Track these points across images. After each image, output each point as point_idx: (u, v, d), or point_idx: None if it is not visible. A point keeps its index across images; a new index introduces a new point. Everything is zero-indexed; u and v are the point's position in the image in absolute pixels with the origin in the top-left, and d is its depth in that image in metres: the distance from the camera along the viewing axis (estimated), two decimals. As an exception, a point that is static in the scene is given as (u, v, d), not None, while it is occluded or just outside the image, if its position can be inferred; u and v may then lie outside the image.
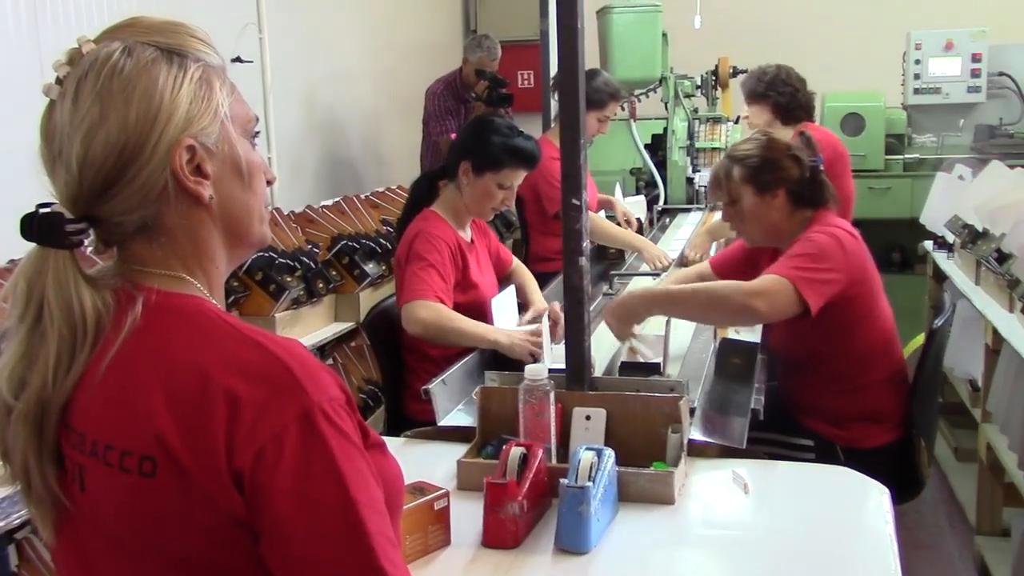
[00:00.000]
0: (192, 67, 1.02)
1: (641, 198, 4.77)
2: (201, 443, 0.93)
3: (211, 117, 1.02)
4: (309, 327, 3.53)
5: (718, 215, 4.72)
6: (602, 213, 4.25)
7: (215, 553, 0.95)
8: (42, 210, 0.99)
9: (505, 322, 2.69)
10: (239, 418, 0.92)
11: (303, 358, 0.98)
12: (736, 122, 5.30)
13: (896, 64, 5.84)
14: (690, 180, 5.23)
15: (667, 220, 4.94)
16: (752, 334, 2.79)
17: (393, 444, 2.10)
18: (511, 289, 2.82)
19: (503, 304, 2.75)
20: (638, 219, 4.34)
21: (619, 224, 4.19)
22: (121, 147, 0.97)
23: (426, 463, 1.96)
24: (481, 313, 2.77)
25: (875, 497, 1.80)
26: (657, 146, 5.39)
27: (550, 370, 1.90)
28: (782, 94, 4.00)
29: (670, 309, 2.48)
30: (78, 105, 0.98)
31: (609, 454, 1.72)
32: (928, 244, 4.57)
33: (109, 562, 1.00)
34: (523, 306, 3.07)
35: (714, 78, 5.53)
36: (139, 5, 3.42)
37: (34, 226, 0.98)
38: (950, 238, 4.18)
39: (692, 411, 2.08)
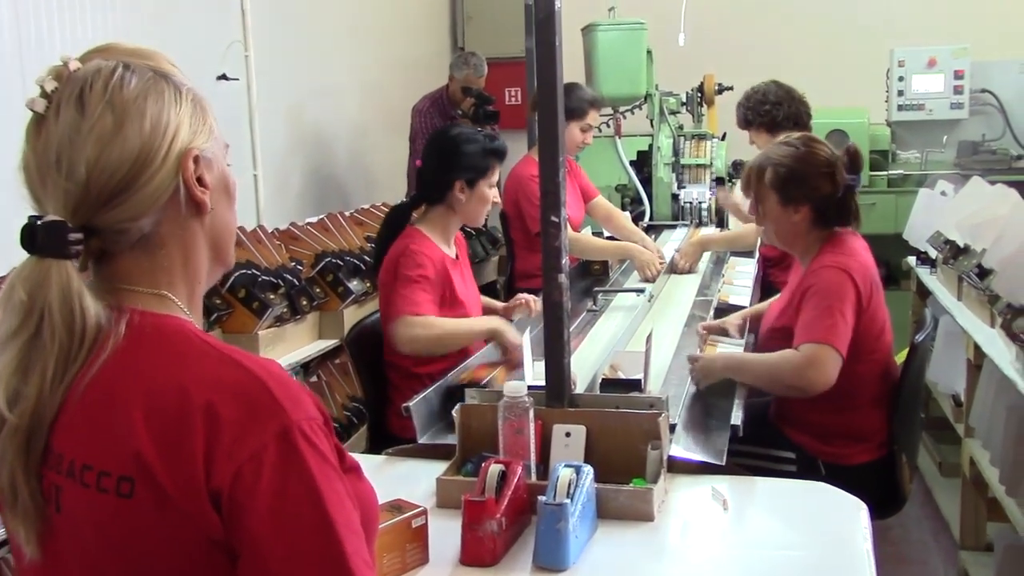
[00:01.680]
0: (183, 88, 1.05)
1: (627, 215, 4.77)
2: (180, 462, 0.93)
3: (208, 134, 1.06)
4: (293, 345, 3.53)
5: (704, 230, 4.76)
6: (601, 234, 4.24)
7: (192, 574, 0.95)
8: (41, 220, 0.98)
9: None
10: (218, 437, 0.93)
11: (282, 378, 0.99)
12: (722, 138, 5.33)
13: (880, 81, 5.89)
14: (675, 196, 5.24)
15: (653, 237, 4.94)
16: (737, 346, 2.80)
17: (374, 461, 2.11)
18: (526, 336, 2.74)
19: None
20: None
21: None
22: (136, 153, 0.99)
23: (406, 480, 1.96)
24: None
25: (853, 513, 1.81)
26: (642, 163, 5.40)
27: (530, 387, 1.91)
28: (762, 114, 4.07)
29: (739, 374, 2.49)
30: (85, 114, 0.98)
31: (588, 471, 1.72)
32: (911, 260, 4.60)
33: (83, 583, 1.00)
34: None
35: (699, 95, 5.55)
36: (125, 26, 3.43)
37: (36, 236, 0.97)
38: (933, 254, 4.21)
39: (672, 427, 2.09)
